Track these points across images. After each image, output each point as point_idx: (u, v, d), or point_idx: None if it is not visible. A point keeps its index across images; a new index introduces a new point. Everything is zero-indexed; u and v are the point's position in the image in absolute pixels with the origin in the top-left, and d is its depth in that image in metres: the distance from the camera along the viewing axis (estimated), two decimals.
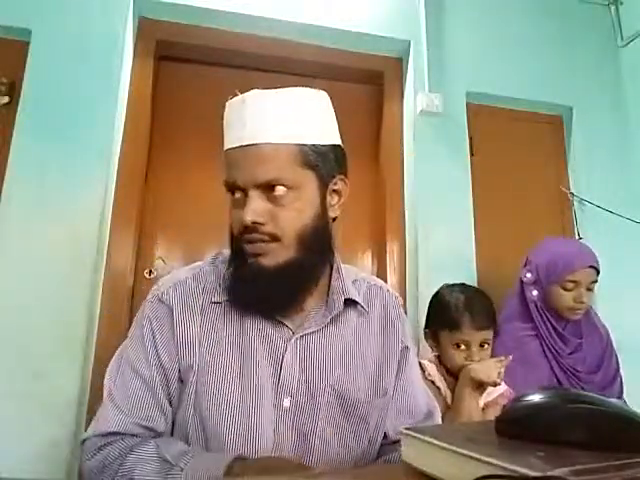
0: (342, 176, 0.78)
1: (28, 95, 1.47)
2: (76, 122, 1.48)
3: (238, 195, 0.72)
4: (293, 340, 0.74)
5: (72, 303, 1.37)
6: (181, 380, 0.74)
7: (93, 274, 1.41)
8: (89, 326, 1.38)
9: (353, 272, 0.87)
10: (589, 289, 1.38)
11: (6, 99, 1.50)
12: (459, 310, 1.22)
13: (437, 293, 1.35)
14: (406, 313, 1.62)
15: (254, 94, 0.72)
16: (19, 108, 1.46)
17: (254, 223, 0.69)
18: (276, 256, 0.70)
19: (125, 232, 1.54)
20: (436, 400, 0.92)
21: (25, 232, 1.38)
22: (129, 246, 1.55)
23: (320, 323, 0.76)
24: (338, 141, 0.79)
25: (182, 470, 0.63)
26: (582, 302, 1.36)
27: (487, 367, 1.16)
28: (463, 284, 1.35)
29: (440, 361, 1.28)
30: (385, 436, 0.80)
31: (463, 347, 1.21)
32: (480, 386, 1.17)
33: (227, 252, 0.81)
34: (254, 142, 0.69)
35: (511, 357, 1.19)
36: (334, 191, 0.78)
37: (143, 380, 0.73)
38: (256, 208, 0.69)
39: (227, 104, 0.75)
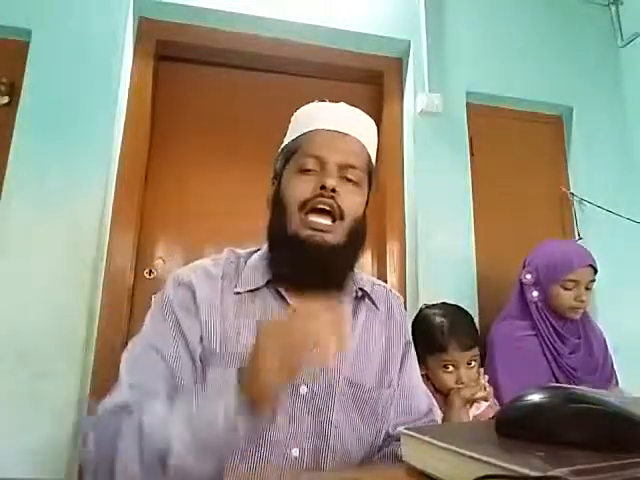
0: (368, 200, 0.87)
1: (28, 95, 1.47)
2: (76, 122, 1.48)
3: (311, 170, 0.78)
4: None
5: (72, 303, 1.36)
6: (201, 361, 0.73)
7: (93, 274, 1.41)
8: (89, 326, 1.38)
9: (358, 275, 0.90)
10: (588, 288, 1.39)
11: (6, 99, 1.50)
12: (444, 334, 1.25)
13: (419, 316, 1.36)
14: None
15: (346, 105, 0.86)
16: (19, 108, 1.46)
17: (333, 190, 0.75)
18: (337, 236, 0.76)
19: (125, 232, 1.54)
20: None
21: (25, 232, 1.38)
22: (129, 246, 1.55)
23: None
24: None
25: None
26: (582, 301, 1.37)
27: (471, 386, 1.21)
28: (443, 304, 1.37)
29: (428, 378, 1.28)
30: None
31: (451, 368, 1.24)
32: (468, 402, 1.19)
33: (243, 251, 0.86)
34: (348, 132, 0.81)
35: (487, 377, 1.24)
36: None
37: (163, 358, 0.70)
38: (337, 179, 0.77)
39: (315, 104, 0.86)
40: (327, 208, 0.75)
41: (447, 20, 1.92)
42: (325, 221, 0.75)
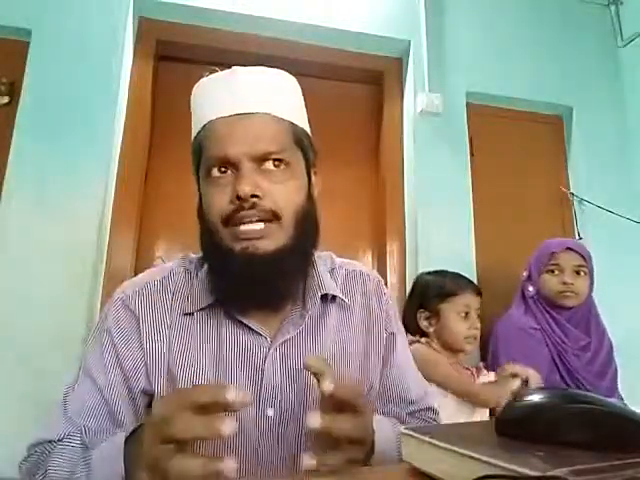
0: (315, 168, 0.75)
1: (28, 95, 1.47)
2: (76, 122, 1.48)
3: (222, 173, 0.64)
4: (272, 349, 0.68)
5: (72, 303, 1.36)
6: (149, 394, 0.68)
7: (93, 274, 1.41)
8: (89, 326, 1.38)
9: (329, 259, 0.80)
10: (577, 273, 1.40)
11: (6, 99, 1.50)
12: (460, 279, 1.37)
13: (421, 279, 1.45)
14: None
15: (243, 68, 0.67)
16: (19, 108, 1.46)
17: (252, 196, 0.61)
18: (276, 239, 0.63)
19: (125, 232, 1.54)
20: None
21: (25, 232, 1.38)
22: (129, 246, 1.55)
23: (298, 326, 0.70)
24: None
25: (91, 457, 0.56)
26: (566, 283, 1.39)
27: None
28: (443, 270, 1.46)
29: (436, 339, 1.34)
30: None
31: (465, 315, 1.32)
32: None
33: (195, 255, 0.77)
34: (252, 111, 0.64)
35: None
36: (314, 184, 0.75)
37: (99, 391, 0.65)
38: (254, 180, 0.62)
39: (202, 80, 0.70)
40: (254, 220, 0.62)
41: (447, 20, 1.91)
42: (254, 226, 0.62)
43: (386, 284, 1.66)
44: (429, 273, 1.45)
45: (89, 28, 1.56)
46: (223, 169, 0.65)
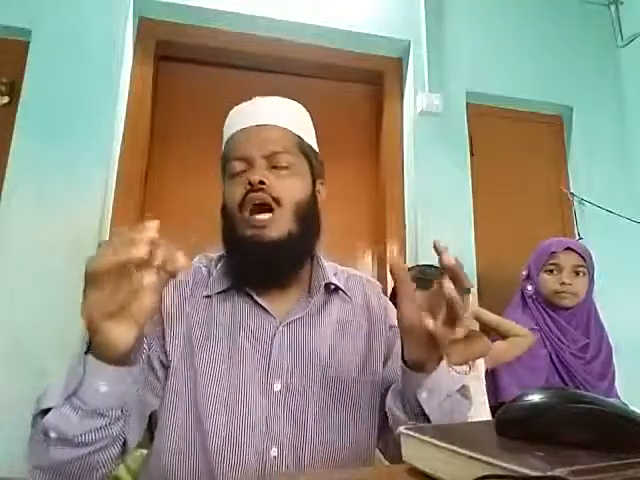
0: (323, 180, 0.86)
1: (28, 95, 1.47)
2: (76, 122, 1.49)
3: (242, 169, 0.78)
4: (281, 327, 0.76)
5: (72, 303, 1.36)
6: (166, 366, 0.74)
7: None
8: None
9: (333, 266, 0.89)
10: (576, 273, 1.40)
11: (6, 99, 1.50)
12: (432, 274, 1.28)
13: (418, 270, 1.37)
14: None
15: (262, 97, 0.85)
16: (19, 108, 1.46)
17: (261, 183, 0.74)
18: (278, 228, 0.75)
19: None
20: None
21: (25, 232, 1.38)
22: None
23: (304, 308, 0.79)
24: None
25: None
26: (564, 283, 1.38)
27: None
28: (431, 264, 1.38)
29: None
30: (386, 418, 0.77)
31: None
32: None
33: (215, 254, 0.87)
34: (265, 123, 0.80)
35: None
36: (319, 191, 0.86)
37: None
38: (263, 173, 0.75)
39: (235, 108, 0.85)
40: (259, 202, 0.74)
41: (447, 20, 1.92)
42: (263, 216, 0.74)
43: (387, 284, 1.67)
44: (424, 266, 1.39)
45: (89, 28, 1.56)
46: (242, 168, 0.78)
